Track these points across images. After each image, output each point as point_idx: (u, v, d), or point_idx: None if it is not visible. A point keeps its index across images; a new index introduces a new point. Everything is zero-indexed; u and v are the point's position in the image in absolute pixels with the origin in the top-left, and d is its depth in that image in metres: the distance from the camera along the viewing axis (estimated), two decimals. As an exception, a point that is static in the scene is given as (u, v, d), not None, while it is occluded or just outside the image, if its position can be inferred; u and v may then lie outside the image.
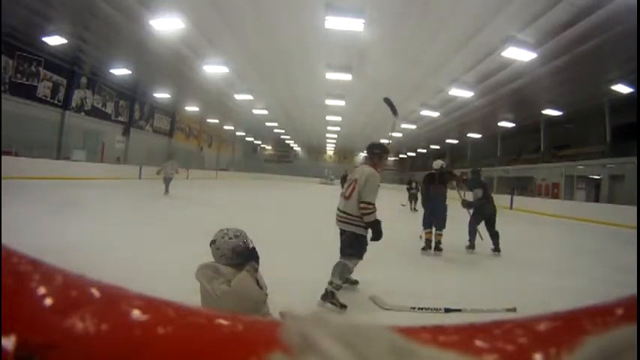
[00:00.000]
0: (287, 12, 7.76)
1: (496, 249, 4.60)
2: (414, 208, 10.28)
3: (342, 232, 2.63)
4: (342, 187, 2.81)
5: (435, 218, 4.50)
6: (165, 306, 0.23)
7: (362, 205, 2.49)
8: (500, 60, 9.08)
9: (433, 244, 4.42)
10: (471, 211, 4.84)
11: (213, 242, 1.38)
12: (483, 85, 11.39)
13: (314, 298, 2.38)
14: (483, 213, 4.77)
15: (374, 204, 2.51)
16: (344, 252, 2.57)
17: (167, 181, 10.00)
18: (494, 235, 4.66)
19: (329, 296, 2.39)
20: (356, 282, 2.81)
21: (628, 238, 7.55)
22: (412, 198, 10.81)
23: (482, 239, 4.64)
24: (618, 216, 10.06)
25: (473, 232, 4.76)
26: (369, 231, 2.55)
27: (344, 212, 2.58)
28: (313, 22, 7.87)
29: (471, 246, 4.71)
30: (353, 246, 2.53)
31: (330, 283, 2.41)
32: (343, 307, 2.36)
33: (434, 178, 4.63)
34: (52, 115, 12.55)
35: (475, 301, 2.57)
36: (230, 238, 1.36)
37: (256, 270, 1.37)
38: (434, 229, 4.47)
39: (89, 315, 0.20)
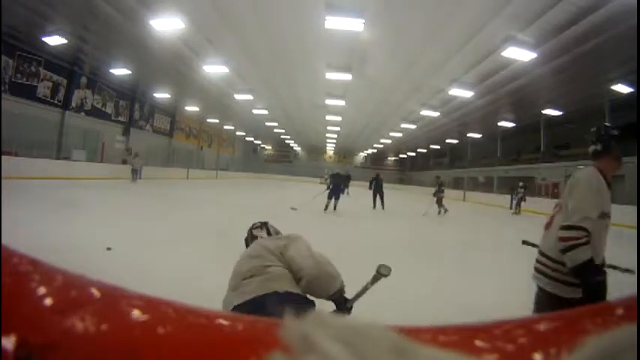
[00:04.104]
0: (287, 12, 7.76)
1: (382, 207, 10.14)
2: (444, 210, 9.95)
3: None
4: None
5: (336, 194, 8.81)
6: (165, 306, 0.23)
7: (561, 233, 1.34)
8: (500, 60, 9.07)
9: (332, 208, 8.61)
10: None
11: (265, 224, 1.52)
12: (483, 85, 11.38)
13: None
14: (378, 192, 10.53)
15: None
16: None
17: (134, 172, 13.45)
18: (383, 203, 10.31)
19: None
20: None
21: (628, 238, 7.53)
22: (440, 202, 10.10)
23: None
24: (618, 216, 10.05)
25: (375, 200, 10.51)
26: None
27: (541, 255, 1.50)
28: (313, 22, 7.86)
29: (374, 207, 10.32)
30: None
31: None
32: None
33: (339, 174, 9.47)
34: (52, 115, 12.52)
35: (478, 302, 2.57)
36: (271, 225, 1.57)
37: None
38: (334, 200, 8.78)
39: (89, 315, 0.20)
